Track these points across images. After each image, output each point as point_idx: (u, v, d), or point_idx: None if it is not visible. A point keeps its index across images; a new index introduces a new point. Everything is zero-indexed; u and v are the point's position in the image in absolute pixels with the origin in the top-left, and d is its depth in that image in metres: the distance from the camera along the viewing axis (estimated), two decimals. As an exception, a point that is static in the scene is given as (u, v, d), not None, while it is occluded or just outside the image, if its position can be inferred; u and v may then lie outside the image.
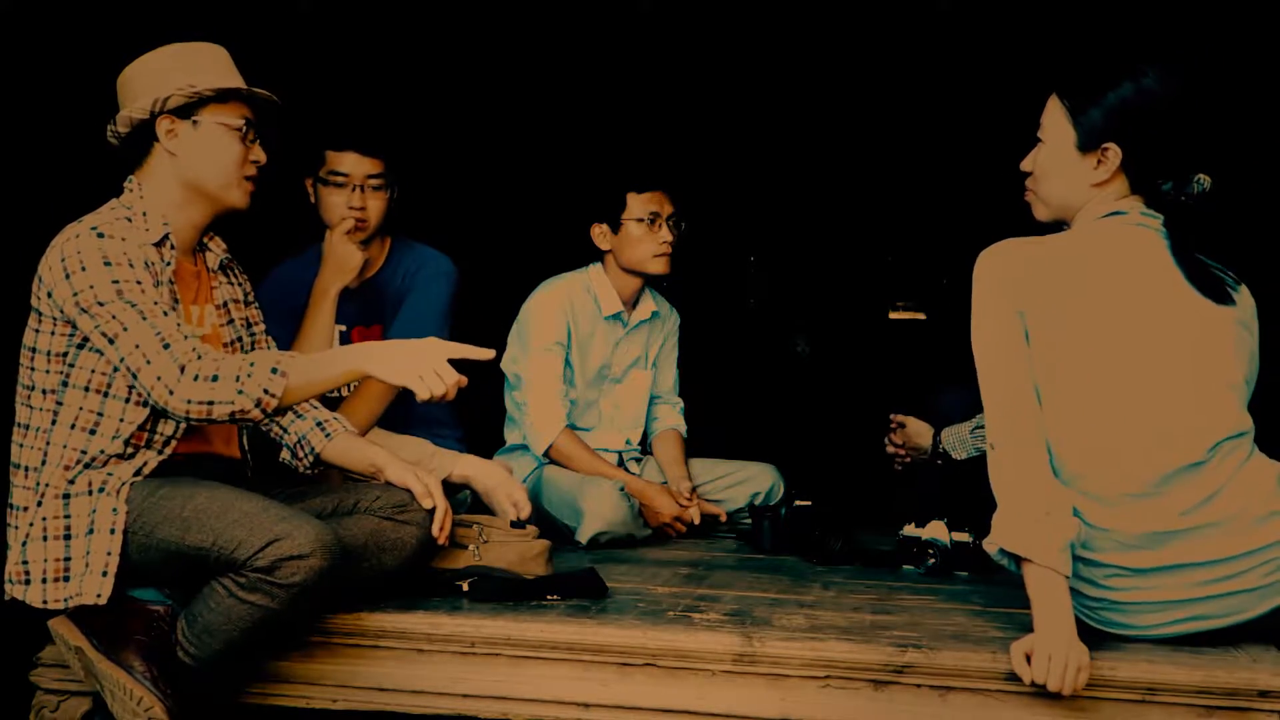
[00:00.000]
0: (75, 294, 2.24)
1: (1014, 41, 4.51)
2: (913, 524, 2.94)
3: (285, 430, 2.62)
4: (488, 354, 2.30)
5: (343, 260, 3.06)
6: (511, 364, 3.53)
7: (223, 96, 2.44)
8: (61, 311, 2.28)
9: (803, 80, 5.25)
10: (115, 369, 2.29)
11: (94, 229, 2.29)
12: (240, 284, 2.65)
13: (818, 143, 5.58)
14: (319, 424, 2.61)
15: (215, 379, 2.19)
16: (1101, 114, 2.24)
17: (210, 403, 2.19)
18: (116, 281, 2.24)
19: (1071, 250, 2.24)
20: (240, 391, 2.19)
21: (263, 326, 2.70)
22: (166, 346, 2.21)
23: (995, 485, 2.17)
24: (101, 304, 2.23)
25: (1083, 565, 2.17)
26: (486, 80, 4.99)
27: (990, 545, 2.15)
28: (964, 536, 2.87)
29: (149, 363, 2.20)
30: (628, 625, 2.33)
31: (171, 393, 2.19)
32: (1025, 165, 2.38)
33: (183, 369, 2.20)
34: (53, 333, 2.31)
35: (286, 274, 3.27)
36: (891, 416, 3.30)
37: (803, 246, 6.05)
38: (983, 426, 3.18)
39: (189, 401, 2.19)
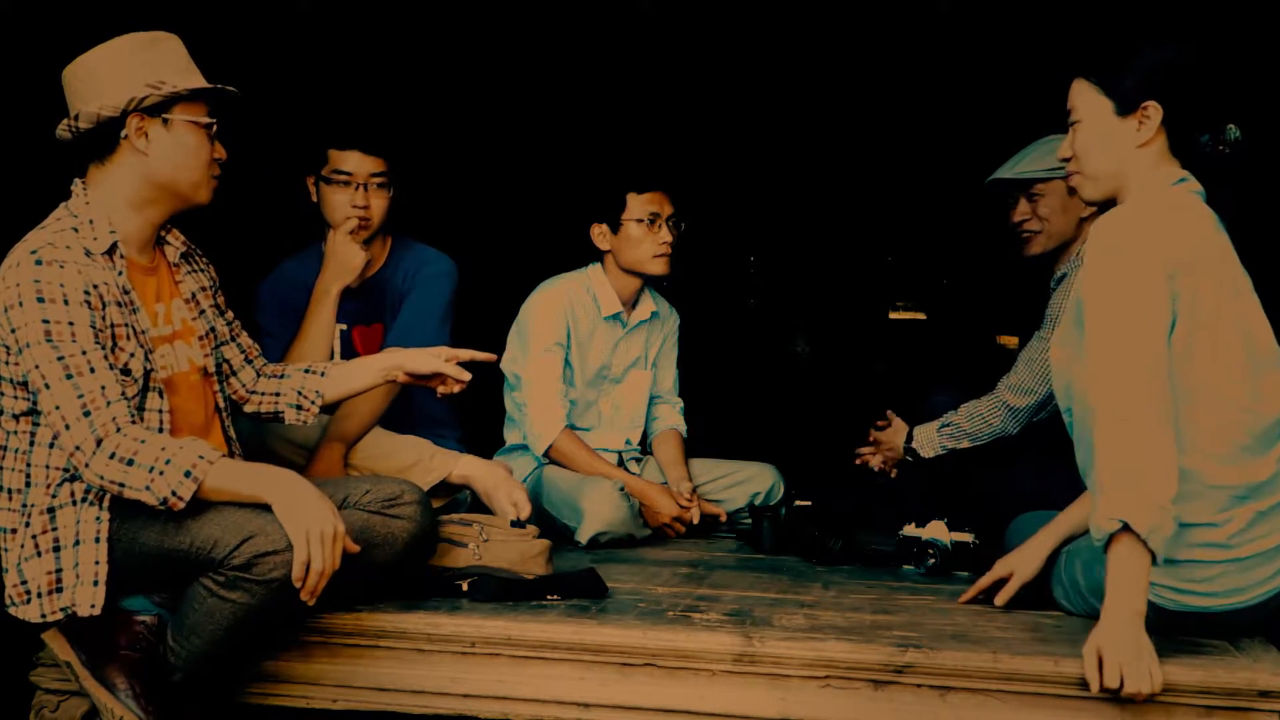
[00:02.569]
0: (13, 330, 2.20)
1: (1014, 42, 4.52)
2: (913, 524, 2.94)
3: (279, 394, 2.64)
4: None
5: (345, 260, 3.06)
6: (511, 364, 3.52)
7: (193, 94, 2.38)
8: (8, 344, 2.24)
9: (803, 81, 5.25)
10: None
11: (33, 253, 2.22)
12: (205, 270, 2.60)
13: (818, 143, 5.58)
14: (306, 371, 2.66)
15: (130, 463, 2.16)
16: (1133, 77, 2.30)
17: (122, 484, 2.17)
18: (46, 322, 2.18)
19: (1186, 217, 2.25)
20: (148, 487, 2.15)
21: (232, 313, 2.66)
22: (86, 414, 2.17)
23: (1120, 458, 2.07)
24: (29, 346, 2.18)
25: (1186, 530, 2.17)
26: (487, 80, 4.99)
27: (1107, 520, 2.05)
28: (964, 536, 2.87)
29: (67, 428, 2.17)
30: (628, 625, 2.33)
31: (87, 465, 2.17)
32: (1063, 152, 2.42)
33: (99, 442, 2.17)
34: (5, 361, 2.25)
35: (288, 273, 3.26)
36: (888, 414, 3.34)
37: (803, 246, 6.05)
38: (948, 425, 3.21)
39: (102, 477, 2.17)
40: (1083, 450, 2.32)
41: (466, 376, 2.61)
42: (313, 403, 2.65)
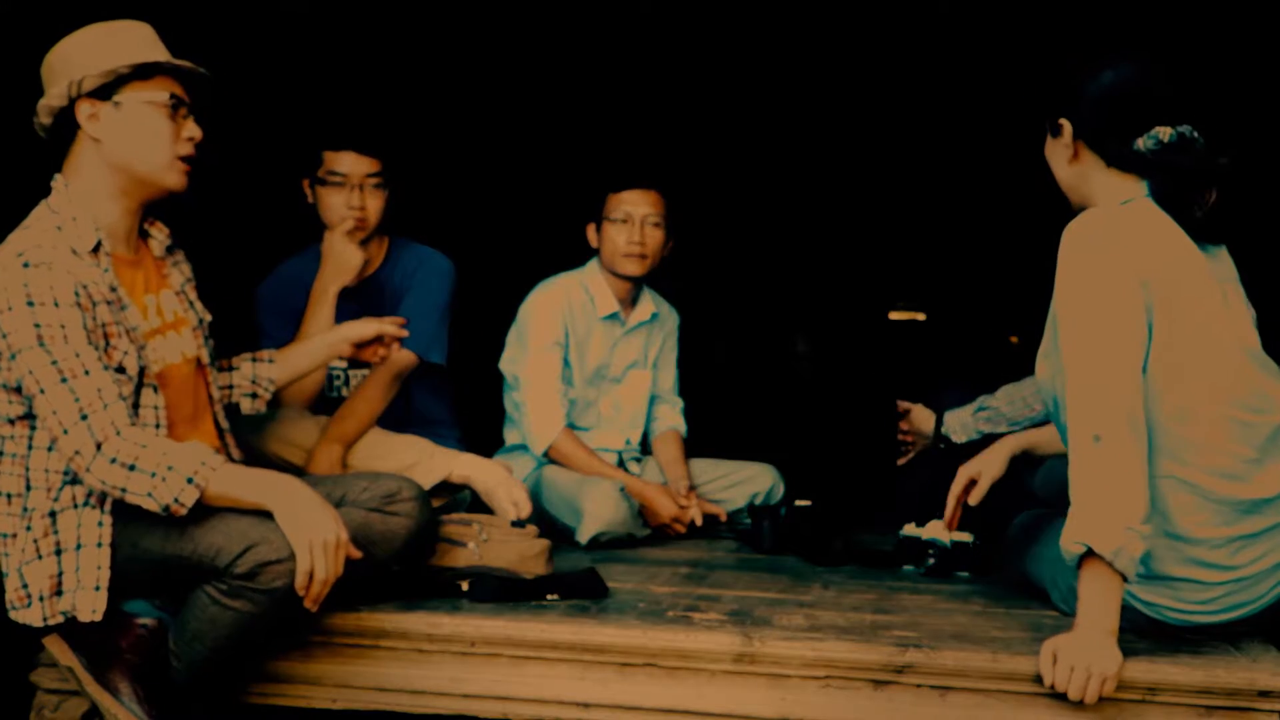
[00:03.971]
0: (4, 335, 2.17)
1: (1013, 42, 4.51)
2: (913, 524, 2.93)
3: (232, 386, 2.65)
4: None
5: (342, 260, 3.06)
6: (510, 364, 3.52)
7: (144, 73, 2.29)
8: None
9: (803, 81, 5.25)
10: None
11: (20, 255, 2.19)
12: (187, 262, 2.58)
13: (818, 143, 5.59)
14: (254, 359, 2.67)
15: (132, 468, 2.14)
16: (1051, 97, 2.35)
17: (124, 490, 2.15)
18: (38, 325, 2.14)
19: (1153, 226, 2.23)
20: (150, 494, 2.14)
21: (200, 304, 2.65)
22: (84, 417, 2.14)
23: (1089, 480, 2.08)
24: (22, 351, 2.16)
25: (1186, 545, 2.17)
26: (486, 80, 4.99)
27: (1073, 543, 2.08)
28: (964, 536, 2.87)
29: (65, 432, 2.15)
30: (628, 625, 2.33)
31: (88, 470, 2.16)
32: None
33: (99, 446, 2.14)
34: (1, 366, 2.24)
35: (286, 274, 3.26)
36: (898, 404, 3.33)
37: (803, 247, 6.05)
38: (985, 409, 3.19)
39: (103, 482, 2.16)
40: None
41: (401, 327, 2.71)
42: (265, 389, 2.67)
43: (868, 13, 4.65)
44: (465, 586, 2.51)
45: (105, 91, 2.30)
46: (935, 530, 2.89)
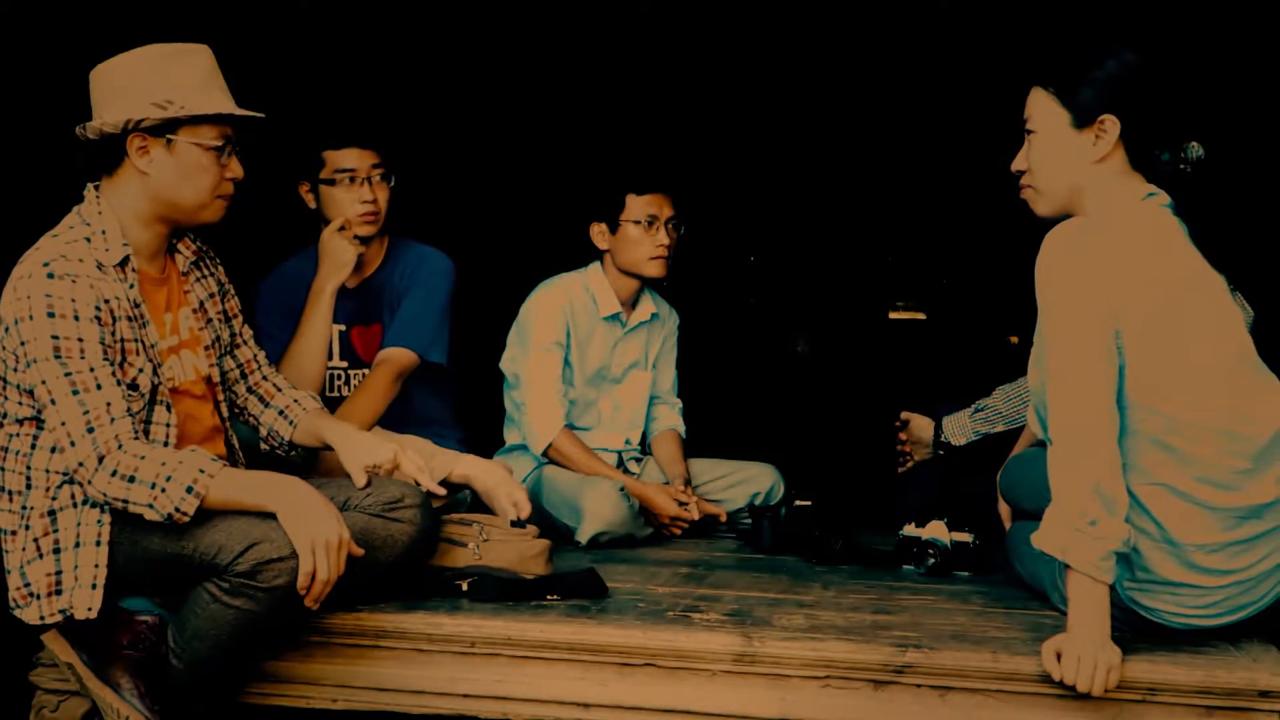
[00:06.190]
0: (23, 343, 2.20)
1: (1012, 43, 4.51)
2: (913, 524, 2.94)
3: (258, 420, 2.65)
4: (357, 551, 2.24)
5: (338, 257, 3.06)
6: (511, 364, 3.52)
7: (201, 118, 2.33)
8: (17, 354, 2.23)
9: (803, 81, 5.25)
10: None
11: (46, 265, 2.20)
12: (213, 274, 2.58)
13: (818, 143, 5.58)
14: (282, 412, 2.65)
15: (132, 480, 2.16)
16: (1093, 90, 2.25)
17: (125, 501, 2.17)
18: (55, 337, 2.17)
19: (1147, 238, 2.20)
20: (151, 504, 2.16)
21: (241, 319, 2.66)
22: (90, 430, 2.17)
23: (1051, 482, 2.13)
24: (37, 361, 2.18)
25: (1183, 551, 2.17)
26: (487, 80, 4.99)
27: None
28: (964, 536, 2.87)
29: (72, 444, 2.17)
30: (628, 625, 2.33)
31: (90, 482, 2.18)
32: (1017, 164, 2.37)
33: (101, 459, 2.16)
34: (15, 368, 2.25)
35: (287, 273, 3.26)
36: (902, 415, 3.34)
37: (803, 246, 6.05)
38: (981, 410, 3.20)
39: (105, 494, 2.18)
40: None
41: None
42: (278, 445, 2.65)
43: (867, 13, 4.65)
44: (465, 586, 2.51)
45: (160, 130, 2.31)
46: (935, 530, 2.89)
